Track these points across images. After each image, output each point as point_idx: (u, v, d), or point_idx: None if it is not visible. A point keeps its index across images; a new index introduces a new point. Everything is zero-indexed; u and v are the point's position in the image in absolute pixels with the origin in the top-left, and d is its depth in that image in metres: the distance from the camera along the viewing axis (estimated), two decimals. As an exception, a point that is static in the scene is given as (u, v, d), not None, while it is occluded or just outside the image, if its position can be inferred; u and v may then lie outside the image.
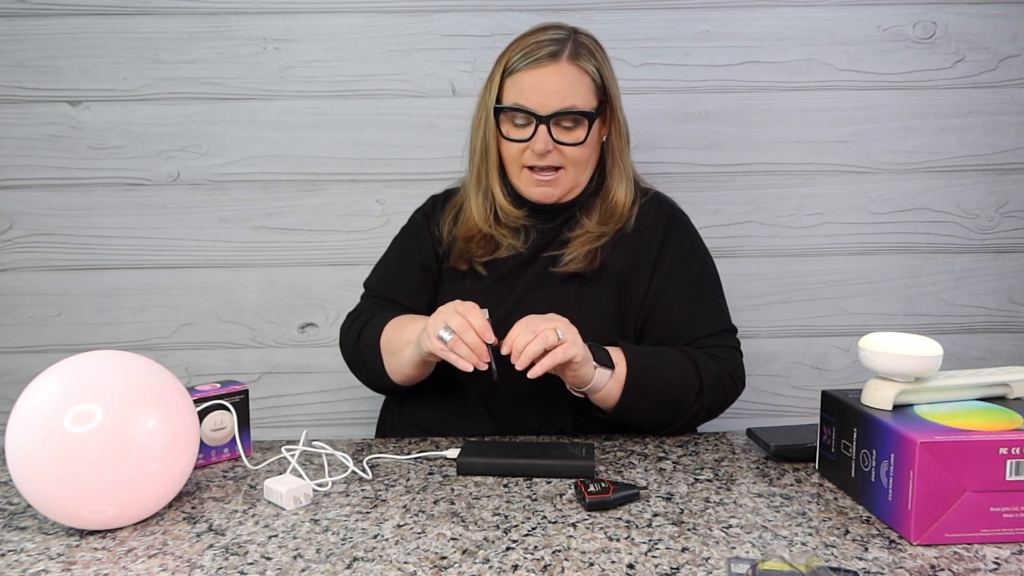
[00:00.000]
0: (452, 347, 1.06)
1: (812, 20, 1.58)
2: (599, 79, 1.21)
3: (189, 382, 1.64)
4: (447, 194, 1.36)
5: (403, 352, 1.17)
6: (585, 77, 1.19)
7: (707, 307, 1.26)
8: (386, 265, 1.36)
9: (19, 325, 1.63)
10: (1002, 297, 1.66)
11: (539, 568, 0.78)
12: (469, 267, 1.26)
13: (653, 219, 1.27)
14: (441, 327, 1.06)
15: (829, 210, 1.63)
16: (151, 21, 1.57)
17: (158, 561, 0.81)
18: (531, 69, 1.18)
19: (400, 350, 1.18)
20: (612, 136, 1.26)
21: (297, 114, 1.60)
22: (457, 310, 1.07)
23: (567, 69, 1.18)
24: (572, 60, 1.19)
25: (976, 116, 1.61)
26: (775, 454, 1.06)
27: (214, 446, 1.09)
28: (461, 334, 1.05)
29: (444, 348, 1.06)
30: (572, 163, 1.21)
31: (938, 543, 0.82)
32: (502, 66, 1.21)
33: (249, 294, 1.64)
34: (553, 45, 1.18)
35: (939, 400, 0.93)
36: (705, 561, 0.79)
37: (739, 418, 1.63)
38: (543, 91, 1.17)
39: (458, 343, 1.05)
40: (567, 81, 1.18)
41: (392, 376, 1.22)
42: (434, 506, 0.94)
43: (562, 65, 1.18)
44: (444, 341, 1.06)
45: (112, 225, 1.61)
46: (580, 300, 1.22)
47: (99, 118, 1.59)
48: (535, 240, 1.26)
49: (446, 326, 1.06)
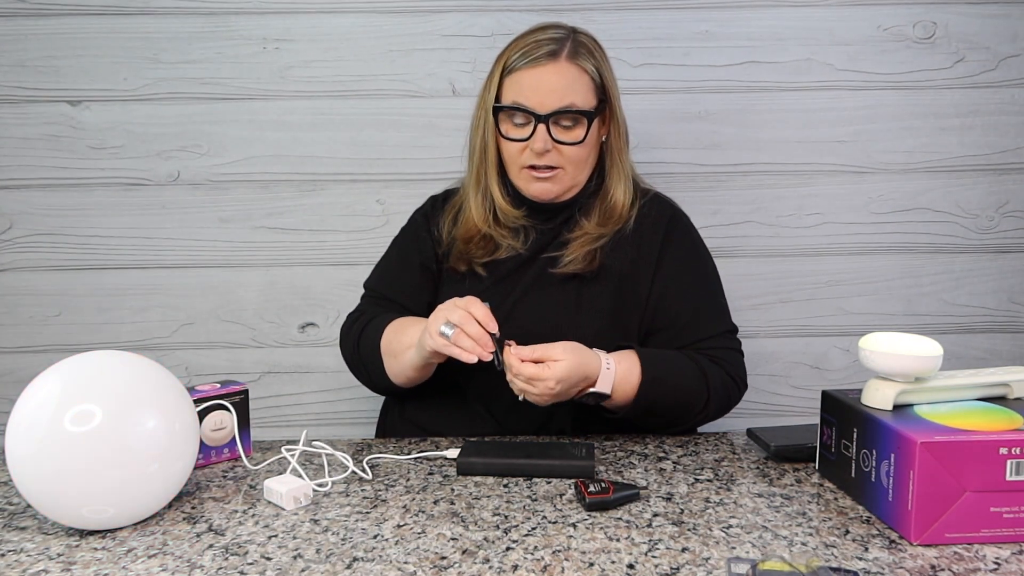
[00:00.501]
0: (455, 340, 1.05)
1: (812, 20, 1.58)
2: (598, 78, 1.21)
3: (189, 382, 1.64)
4: (446, 194, 1.36)
5: (404, 355, 1.17)
6: (584, 76, 1.19)
7: (709, 308, 1.26)
8: (386, 266, 1.36)
9: (19, 325, 1.63)
10: (1002, 297, 1.66)
11: (539, 568, 0.78)
12: (468, 268, 1.26)
13: (653, 220, 1.27)
14: (442, 323, 1.06)
15: (829, 210, 1.63)
16: (151, 21, 1.57)
17: (158, 561, 0.81)
18: (530, 68, 1.18)
19: (401, 353, 1.18)
20: (611, 136, 1.26)
21: (297, 114, 1.60)
22: (457, 304, 1.07)
23: (566, 68, 1.18)
24: (571, 59, 1.18)
25: (976, 116, 1.61)
26: (775, 454, 1.06)
27: (214, 446, 1.09)
28: (463, 325, 1.05)
29: (447, 343, 1.06)
30: (571, 163, 1.21)
31: (938, 543, 0.82)
32: (501, 65, 1.21)
33: (249, 294, 1.64)
34: (552, 44, 1.18)
35: (939, 400, 0.93)
36: (705, 561, 0.79)
37: (739, 418, 1.63)
38: (542, 90, 1.17)
39: (461, 335, 1.05)
40: (566, 80, 1.18)
41: (393, 378, 1.22)
42: (434, 506, 0.94)
43: (561, 64, 1.18)
44: (446, 336, 1.06)
45: (112, 225, 1.61)
46: (579, 300, 1.22)
47: (99, 118, 1.59)
48: (535, 241, 1.26)
49: (447, 321, 1.06)
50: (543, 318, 1.21)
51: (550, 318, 1.21)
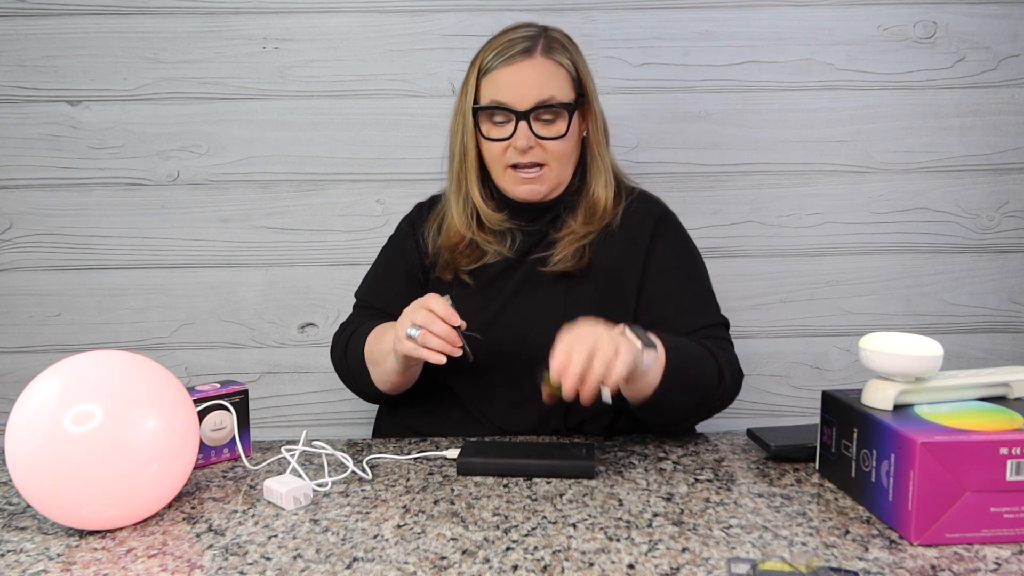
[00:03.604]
0: (422, 342, 1.05)
1: (812, 20, 1.58)
2: (574, 72, 1.21)
3: (189, 382, 1.64)
4: (432, 201, 1.35)
5: (385, 362, 1.17)
6: (561, 70, 1.19)
7: (700, 301, 1.25)
8: (374, 276, 1.36)
9: (19, 325, 1.63)
10: (1002, 297, 1.66)
11: (539, 568, 0.78)
12: (455, 276, 1.25)
13: (640, 217, 1.26)
14: (408, 327, 1.06)
15: (829, 210, 1.63)
16: (151, 21, 1.57)
17: (158, 561, 0.81)
18: (506, 66, 1.18)
19: (382, 360, 1.18)
20: (591, 131, 1.25)
21: (297, 114, 1.60)
22: (419, 304, 1.07)
23: (542, 63, 1.18)
24: (546, 54, 1.18)
25: (976, 116, 1.61)
26: (775, 454, 1.06)
27: (214, 446, 1.09)
28: (428, 325, 1.04)
29: (415, 346, 1.06)
30: (554, 158, 1.20)
31: (938, 543, 0.82)
32: (476, 67, 1.21)
33: (249, 294, 1.64)
34: (526, 42, 1.18)
35: (939, 400, 0.93)
36: (705, 561, 0.79)
37: (739, 418, 1.63)
38: (520, 86, 1.17)
39: (427, 336, 1.05)
40: (543, 74, 1.18)
41: (379, 386, 1.22)
42: (434, 506, 0.94)
43: (536, 60, 1.18)
44: (413, 339, 1.06)
45: (112, 225, 1.61)
46: (568, 299, 1.22)
47: (99, 118, 1.59)
48: (521, 243, 1.25)
49: (412, 324, 1.06)
50: (532, 319, 1.20)
51: (539, 319, 1.19)
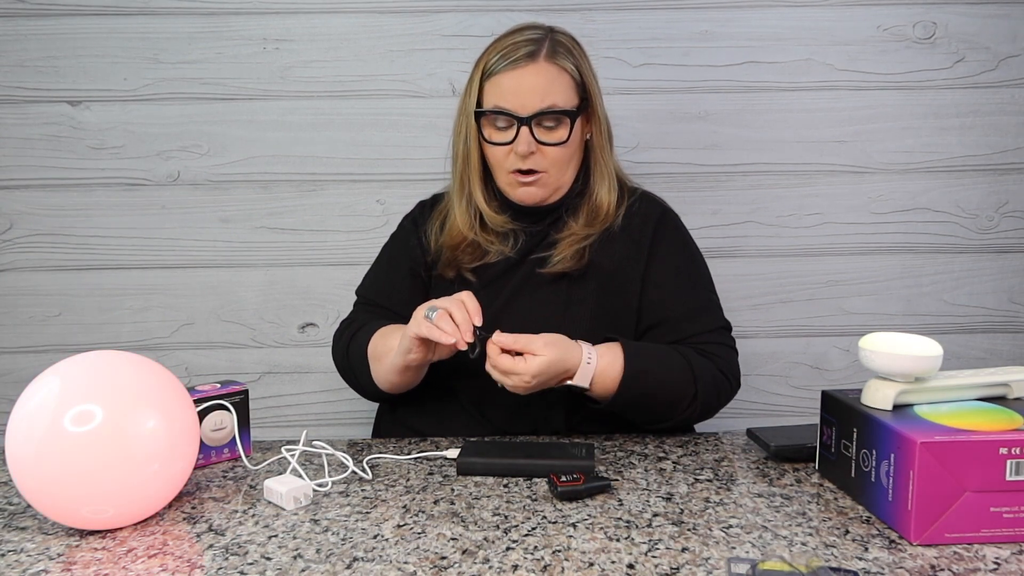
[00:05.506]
0: (436, 322, 1.05)
1: (812, 20, 1.58)
2: (578, 77, 1.20)
3: (189, 382, 1.64)
4: (435, 199, 1.35)
5: (386, 358, 1.17)
6: (564, 75, 1.19)
7: (701, 305, 1.25)
8: (376, 273, 1.36)
9: (19, 325, 1.63)
10: (1002, 297, 1.66)
11: (539, 568, 0.78)
12: (457, 274, 1.26)
13: (642, 218, 1.26)
14: (427, 309, 1.07)
15: (829, 210, 1.63)
16: (151, 21, 1.57)
17: (158, 561, 0.81)
18: (510, 70, 1.17)
19: (385, 355, 1.18)
20: (594, 135, 1.25)
21: (297, 114, 1.60)
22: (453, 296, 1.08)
23: (546, 68, 1.17)
24: (550, 59, 1.18)
25: (976, 116, 1.61)
26: (775, 454, 1.06)
27: (214, 446, 1.09)
28: (451, 309, 1.05)
29: (431, 326, 1.06)
30: (554, 165, 1.20)
31: (938, 543, 0.82)
32: (480, 69, 1.21)
33: (249, 294, 1.64)
34: (530, 45, 1.17)
35: (939, 400, 0.93)
36: (705, 561, 0.79)
37: (739, 418, 1.64)
38: (523, 92, 1.17)
39: (443, 317, 1.05)
40: (546, 80, 1.17)
41: (379, 384, 1.22)
42: (434, 506, 0.94)
43: (540, 64, 1.17)
44: (430, 319, 1.06)
45: (112, 225, 1.62)
46: (568, 299, 1.22)
47: (99, 118, 1.59)
48: (523, 243, 1.25)
49: (432, 306, 1.07)
50: (532, 319, 1.20)
51: (539, 319, 1.20)
